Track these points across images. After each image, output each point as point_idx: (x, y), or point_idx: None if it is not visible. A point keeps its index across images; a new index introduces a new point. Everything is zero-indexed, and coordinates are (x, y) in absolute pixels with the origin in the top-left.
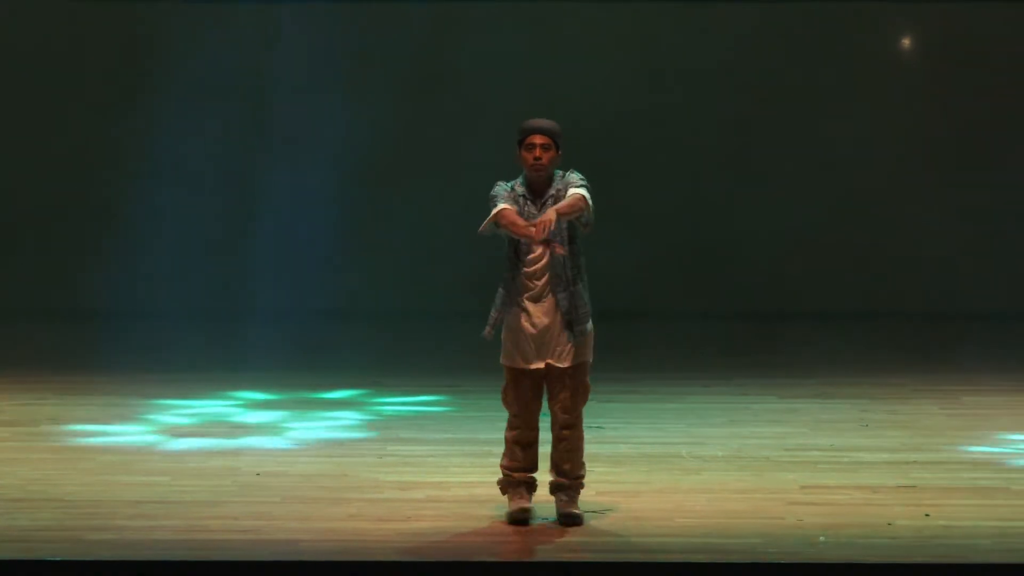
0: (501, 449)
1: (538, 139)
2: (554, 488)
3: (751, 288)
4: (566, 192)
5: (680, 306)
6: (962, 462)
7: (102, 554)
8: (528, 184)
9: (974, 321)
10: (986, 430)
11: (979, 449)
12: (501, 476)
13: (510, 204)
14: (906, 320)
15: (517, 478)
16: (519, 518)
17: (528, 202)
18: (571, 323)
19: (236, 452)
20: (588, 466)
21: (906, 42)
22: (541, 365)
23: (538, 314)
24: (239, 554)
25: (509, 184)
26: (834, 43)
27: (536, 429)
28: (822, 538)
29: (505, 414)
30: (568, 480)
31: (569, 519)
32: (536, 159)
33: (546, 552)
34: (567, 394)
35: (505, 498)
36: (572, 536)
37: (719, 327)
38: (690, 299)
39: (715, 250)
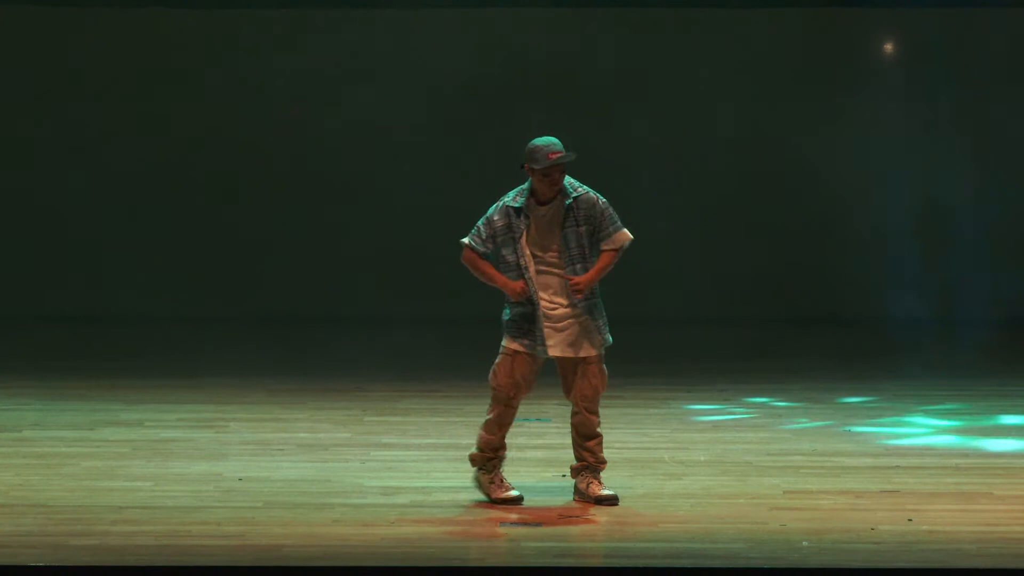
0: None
1: (558, 171)
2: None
3: (735, 294)
4: (590, 216)
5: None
6: (945, 467)
7: (84, 560)
8: (534, 192)
9: (958, 327)
10: (968, 434)
11: (962, 454)
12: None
13: (497, 233)
14: (886, 325)
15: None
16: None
17: (523, 216)
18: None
19: (220, 456)
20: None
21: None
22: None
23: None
24: (222, 560)
25: (510, 195)
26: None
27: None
28: (805, 543)
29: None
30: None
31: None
32: (554, 184)
33: (530, 558)
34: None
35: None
36: (556, 542)
37: (701, 332)
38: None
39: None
